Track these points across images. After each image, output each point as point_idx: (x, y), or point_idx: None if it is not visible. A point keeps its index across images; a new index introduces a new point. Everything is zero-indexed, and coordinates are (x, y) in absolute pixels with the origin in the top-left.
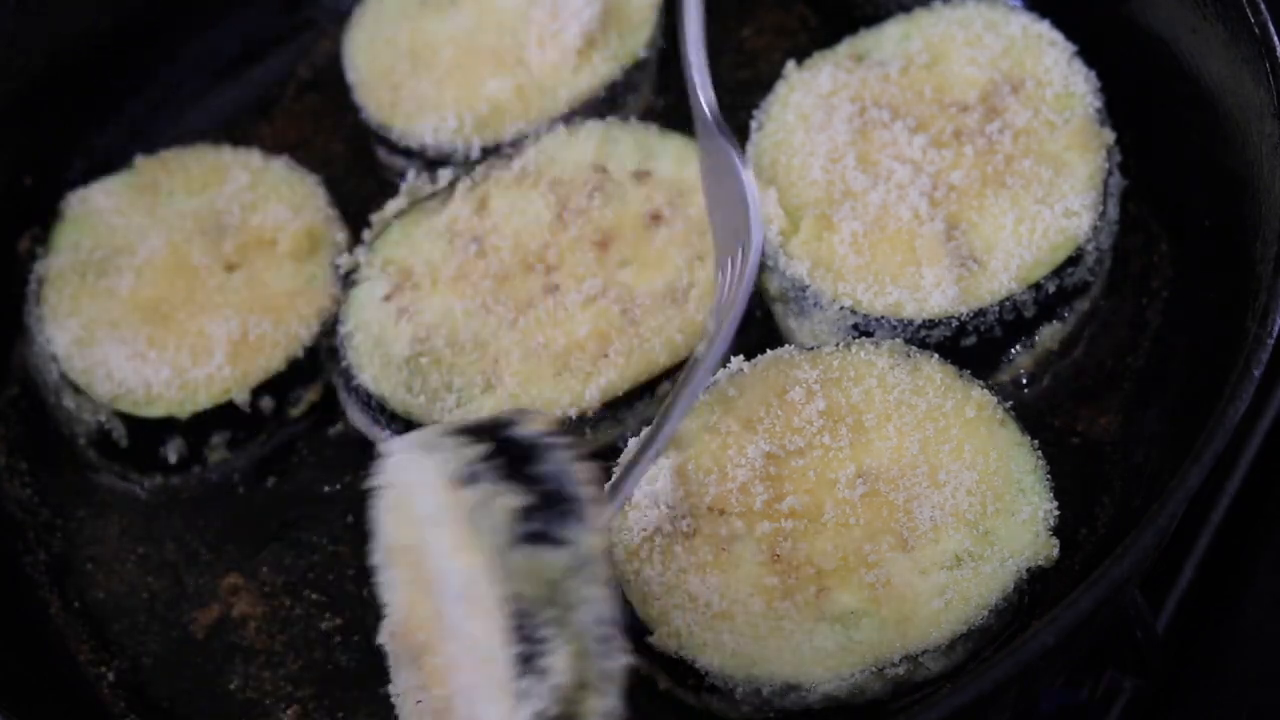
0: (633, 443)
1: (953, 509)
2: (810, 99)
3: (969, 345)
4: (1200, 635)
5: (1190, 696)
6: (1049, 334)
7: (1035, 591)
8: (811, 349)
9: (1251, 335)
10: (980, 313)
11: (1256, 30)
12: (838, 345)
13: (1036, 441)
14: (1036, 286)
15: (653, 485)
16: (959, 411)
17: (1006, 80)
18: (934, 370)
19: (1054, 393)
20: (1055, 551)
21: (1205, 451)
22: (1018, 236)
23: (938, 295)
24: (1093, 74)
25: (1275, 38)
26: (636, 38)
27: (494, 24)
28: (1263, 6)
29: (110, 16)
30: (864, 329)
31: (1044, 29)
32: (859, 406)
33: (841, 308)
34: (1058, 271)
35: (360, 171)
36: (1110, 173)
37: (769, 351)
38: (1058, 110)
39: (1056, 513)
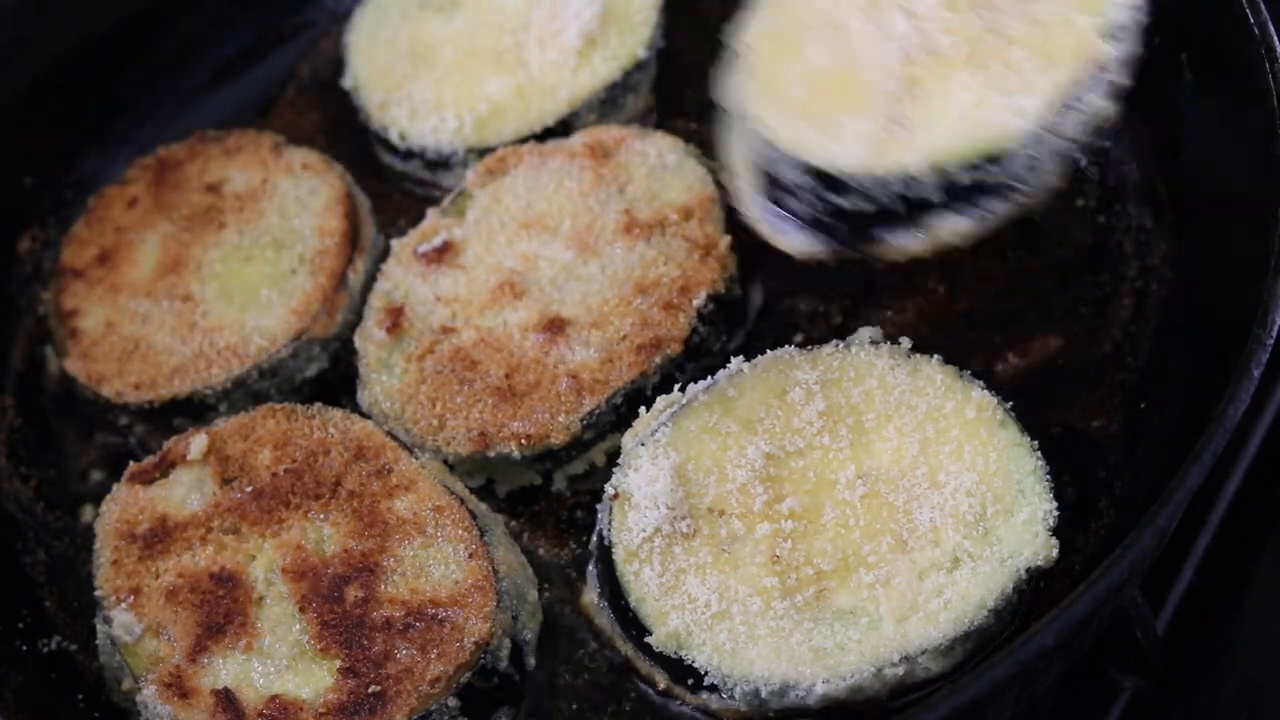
0: (627, 438)
1: (952, 510)
2: None
3: (866, 212)
4: (1200, 635)
5: (1190, 696)
6: (951, 227)
7: (1035, 592)
8: (811, 349)
9: (1251, 335)
10: (882, 182)
11: (1256, 30)
12: (838, 346)
13: (1036, 442)
14: (945, 171)
15: (653, 486)
16: (959, 412)
17: None
18: (934, 371)
19: (1054, 392)
20: (1055, 552)
21: (1205, 451)
22: (961, 118)
23: (845, 150)
24: None
25: (1275, 38)
26: (636, 38)
27: (494, 24)
28: (1263, 6)
29: (111, 17)
30: (766, 162)
31: None
32: (859, 407)
33: (755, 129)
34: (976, 166)
35: (360, 172)
36: (1091, 88)
37: (769, 352)
38: (1085, 9)
39: (1056, 513)
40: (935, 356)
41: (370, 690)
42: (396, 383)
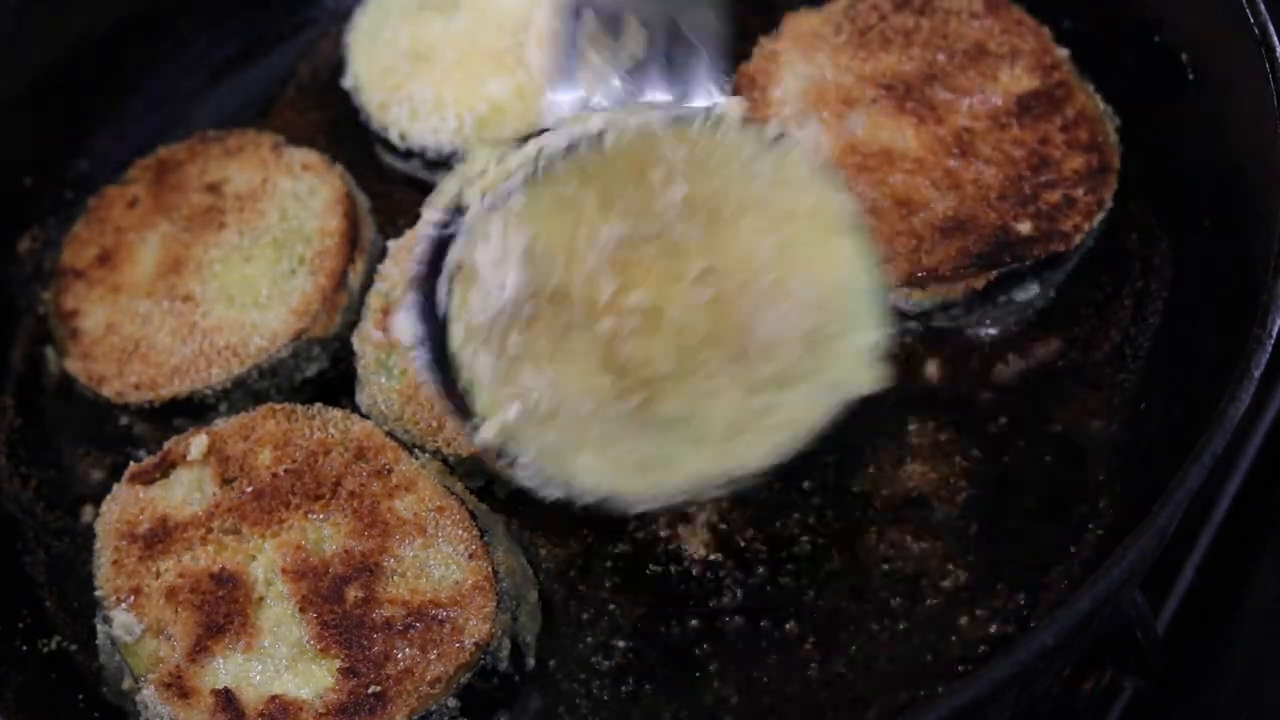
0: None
1: (794, 324)
2: None
3: None
4: (1200, 635)
5: (1190, 696)
6: None
7: (1034, 592)
8: (682, 121)
9: (1251, 335)
10: None
11: (1256, 30)
12: (707, 118)
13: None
14: None
15: (502, 265)
16: (818, 213)
17: None
18: (798, 164)
19: (1053, 393)
20: (882, 380)
21: (1205, 451)
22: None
23: None
24: None
25: (1275, 38)
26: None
27: (494, 24)
28: (1262, 6)
29: (110, 16)
30: None
31: None
32: (718, 195)
33: None
34: None
35: (360, 172)
36: None
37: (633, 119)
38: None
39: (888, 341)
40: (801, 146)
41: (370, 690)
42: (396, 384)
